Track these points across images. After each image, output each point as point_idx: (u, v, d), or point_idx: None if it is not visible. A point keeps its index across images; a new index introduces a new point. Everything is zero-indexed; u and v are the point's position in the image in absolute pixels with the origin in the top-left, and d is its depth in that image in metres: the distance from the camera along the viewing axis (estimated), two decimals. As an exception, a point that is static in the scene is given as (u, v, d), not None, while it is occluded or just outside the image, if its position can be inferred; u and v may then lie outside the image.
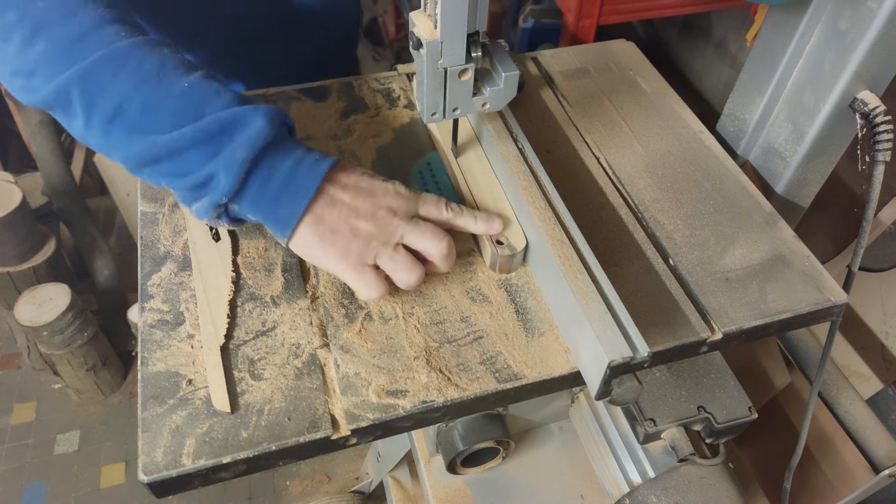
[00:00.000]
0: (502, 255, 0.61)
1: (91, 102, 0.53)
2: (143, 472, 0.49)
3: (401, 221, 0.58)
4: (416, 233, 0.58)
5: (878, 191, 0.66)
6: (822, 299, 0.61)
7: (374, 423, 0.53)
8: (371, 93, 0.83)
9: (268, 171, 0.55)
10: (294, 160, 0.56)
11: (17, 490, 1.61)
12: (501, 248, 0.62)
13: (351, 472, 1.63)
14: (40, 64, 0.53)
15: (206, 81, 0.56)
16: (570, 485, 0.87)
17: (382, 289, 0.57)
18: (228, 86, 0.57)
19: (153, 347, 0.57)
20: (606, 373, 0.51)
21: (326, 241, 0.56)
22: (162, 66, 0.55)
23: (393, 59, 2.37)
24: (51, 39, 0.53)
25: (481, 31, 0.58)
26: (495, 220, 0.63)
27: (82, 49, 0.53)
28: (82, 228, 1.74)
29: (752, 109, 0.79)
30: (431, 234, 0.59)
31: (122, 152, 0.55)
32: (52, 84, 0.53)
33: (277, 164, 0.55)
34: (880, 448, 0.72)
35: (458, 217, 0.62)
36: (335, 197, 0.57)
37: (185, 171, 0.54)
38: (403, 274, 0.58)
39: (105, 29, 0.54)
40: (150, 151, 0.54)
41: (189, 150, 0.53)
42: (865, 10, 0.62)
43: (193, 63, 0.57)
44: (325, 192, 0.57)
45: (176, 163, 0.54)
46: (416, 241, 0.58)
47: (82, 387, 1.74)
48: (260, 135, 0.54)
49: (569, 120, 0.80)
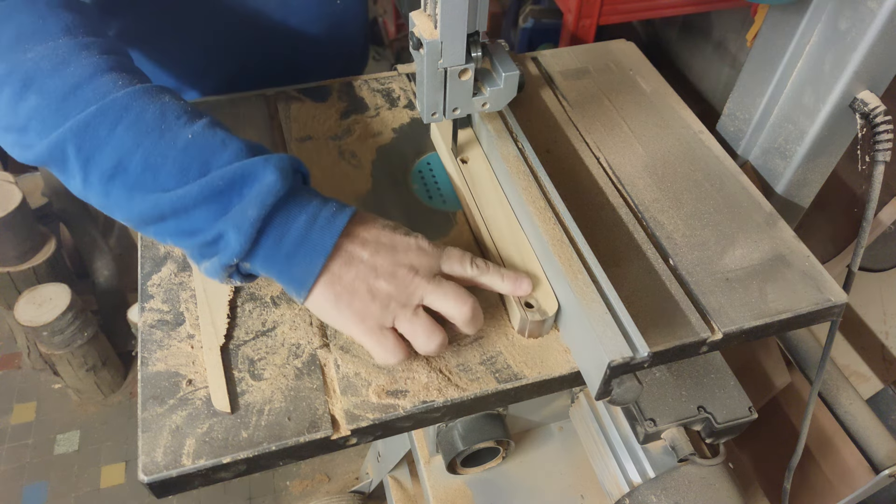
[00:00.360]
0: (532, 320, 0.56)
1: (88, 160, 0.50)
2: (143, 472, 0.49)
3: (422, 281, 0.54)
4: (437, 294, 0.54)
5: (878, 191, 0.66)
6: (822, 299, 0.61)
7: (374, 423, 0.53)
8: (371, 93, 0.83)
9: (281, 229, 0.51)
10: (309, 215, 0.52)
11: (17, 490, 1.60)
12: (531, 312, 0.57)
13: (351, 472, 1.63)
14: (32, 119, 0.50)
15: (211, 130, 0.52)
16: (570, 485, 0.87)
17: (401, 354, 0.53)
18: (233, 135, 0.54)
19: (153, 347, 0.57)
20: (606, 373, 0.51)
21: (343, 302, 0.52)
22: (163, 116, 0.51)
23: (393, 59, 2.37)
24: (42, 93, 0.50)
25: (481, 31, 0.58)
26: (524, 280, 0.57)
27: (76, 102, 0.50)
28: (82, 229, 1.74)
29: (752, 109, 0.79)
30: (455, 296, 0.54)
31: (124, 211, 0.52)
32: (46, 141, 0.50)
33: (291, 221, 0.51)
34: (880, 448, 0.72)
35: (484, 274, 0.57)
36: (353, 254, 0.53)
37: (193, 230, 0.51)
38: (422, 340, 0.53)
39: (100, 79, 0.51)
40: (154, 210, 0.50)
41: (196, 209, 0.50)
42: (865, 10, 0.62)
43: (196, 110, 0.54)
44: (342, 249, 0.52)
45: (182, 221, 0.50)
46: (438, 302, 0.54)
47: (82, 387, 1.74)
48: (271, 190, 0.49)
49: (569, 120, 0.80)
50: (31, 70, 0.50)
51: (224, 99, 0.80)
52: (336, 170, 0.73)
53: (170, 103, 0.52)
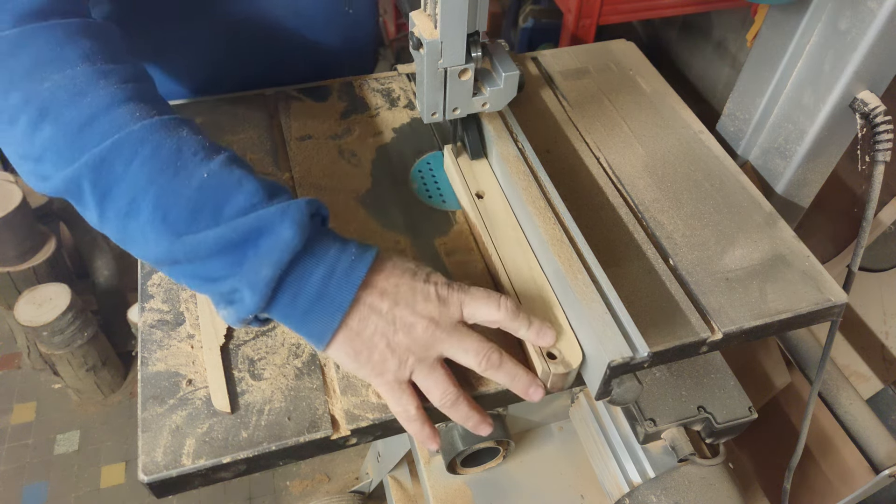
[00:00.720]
0: (556, 373, 0.53)
1: (104, 196, 0.49)
2: (143, 472, 0.49)
3: (441, 334, 0.52)
4: (458, 348, 0.52)
5: (878, 191, 0.66)
6: (822, 299, 0.61)
7: (374, 423, 0.53)
8: (371, 93, 0.83)
9: (297, 286, 0.49)
10: (327, 267, 0.49)
11: (17, 490, 1.60)
12: (554, 364, 0.53)
13: (351, 472, 1.63)
14: (48, 150, 0.49)
15: (228, 169, 0.50)
16: (570, 485, 0.87)
17: (415, 408, 0.52)
18: (252, 174, 0.51)
19: (153, 347, 0.57)
20: (606, 373, 0.51)
21: (362, 357, 0.51)
22: (179, 152, 0.49)
23: (393, 59, 2.37)
24: (58, 124, 0.48)
25: (481, 31, 0.58)
26: (548, 330, 0.54)
27: (92, 135, 0.48)
28: (82, 228, 1.74)
29: (752, 109, 0.79)
30: (475, 351, 0.52)
31: (141, 251, 0.50)
32: (62, 174, 0.49)
33: (307, 276, 0.49)
34: (880, 448, 0.72)
35: (514, 320, 0.53)
36: (372, 307, 0.51)
37: (208, 277, 0.49)
38: (437, 396, 0.52)
39: (117, 110, 0.49)
40: (168, 254, 0.49)
41: (210, 259, 0.48)
42: (865, 10, 0.62)
43: (216, 145, 0.52)
44: (360, 302, 0.51)
45: (197, 268, 0.49)
46: (459, 356, 0.52)
47: (82, 387, 1.74)
48: (288, 247, 0.47)
49: (569, 120, 0.80)
50: (47, 100, 0.49)
51: (224, 98, 0.80)
52: (336, 169, 0.73)
53: (187, 138, 0.51)
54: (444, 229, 0.68)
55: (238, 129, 0.76)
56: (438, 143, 0.77)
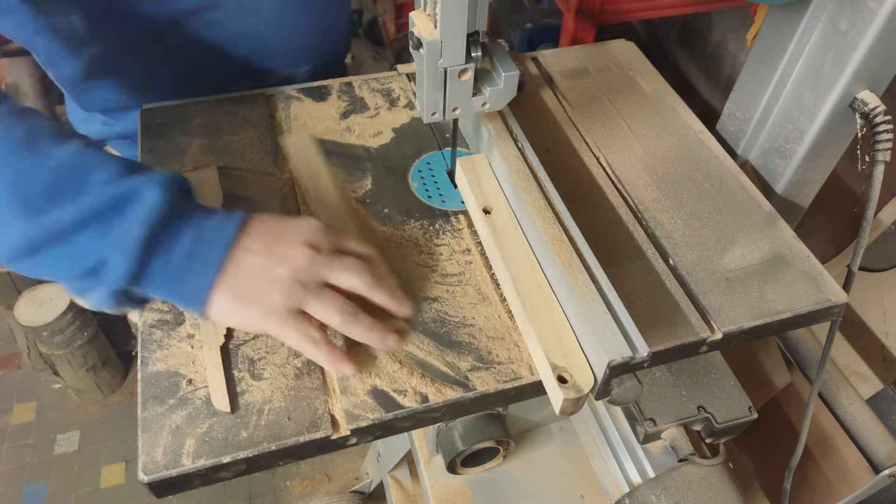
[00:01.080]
0: (567, 398, 0.51)
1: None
2: (143, 472, 0.49)
3: (322, 257, 0.52)
4: (342, 269, 0.53)
5: (878, 191, 0.66)
6: (822, 299, 0.61)
7: (373, 422, 0.53)
8: (371, 93, 0.83)
9: (168, 244, 0.49)
10: (195, 227, 0.50)
11: (17, 490, 1.61)
12: (565, 388, 0.52)
13: (351, 472, 1.63)
14: None
15: (89, 149, 0.49)
16: (570, 485, 0.87)
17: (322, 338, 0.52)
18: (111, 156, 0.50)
19: (153, 347, 0.57)
20: (606, 373, 0.51)
21: (243, 298, 0.50)
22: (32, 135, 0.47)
23: (393, 59, 2.37)
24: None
25: (481, 31, 0.58)
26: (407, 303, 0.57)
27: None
28: (82, 228, 1.73)
29: (751, 109, 0.79)
30: (358, 272, 0.53)
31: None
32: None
33: (178, 235, 0.49)
34: (880, 448, 0.72)
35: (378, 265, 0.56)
36: (248, 248, 0.51)
37: (72, 257, 0.47)
38: (337, 318, 0.52)
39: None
40: (28, 239, 0.46)
41: (74, 233, 0.46)
42: (865, 10, 0.62)
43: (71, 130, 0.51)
44: (235, 249, 0.51)
45: (59, 249, 0.47)
46: (344, 277, 0.53)
47: (82, 387, 1.74)
48: (155, 209, 0.47)
49: (569, 120, 0.80)
50: None
51: (224, 98, 0.80)
52: (336, 169, 0.73)
53: (40, 123, 0.49)
54: (444, 229, 0.68)
55: (238, 129, 0.76)
56: (438, 143, 0.77)
